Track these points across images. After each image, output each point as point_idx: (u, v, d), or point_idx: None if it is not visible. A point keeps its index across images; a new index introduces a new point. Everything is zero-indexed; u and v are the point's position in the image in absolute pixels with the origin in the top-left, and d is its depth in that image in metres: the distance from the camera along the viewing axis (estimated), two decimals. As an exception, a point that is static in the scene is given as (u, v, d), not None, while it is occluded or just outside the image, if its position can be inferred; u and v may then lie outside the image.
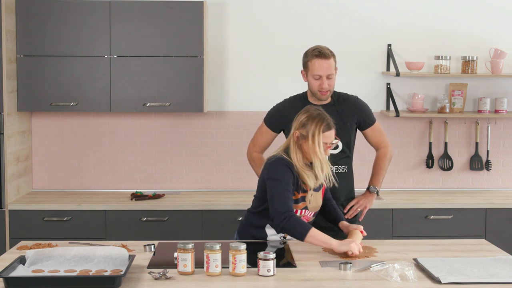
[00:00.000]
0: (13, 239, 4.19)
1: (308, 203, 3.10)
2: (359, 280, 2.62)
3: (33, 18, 4.38)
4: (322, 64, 3.37)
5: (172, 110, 4.50)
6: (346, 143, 3.47)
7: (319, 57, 3.38)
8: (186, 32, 4.42)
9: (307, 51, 3.46)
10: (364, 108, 3.56)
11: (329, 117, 3.06)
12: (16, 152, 4.47)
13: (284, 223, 2.93)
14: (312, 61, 3.40)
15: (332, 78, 3.40)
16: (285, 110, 3.53)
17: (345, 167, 3.50)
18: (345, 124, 3.45)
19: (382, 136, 3.61)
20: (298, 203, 3.07)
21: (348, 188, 3.53)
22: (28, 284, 2.50)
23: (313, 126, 3.00)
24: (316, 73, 3.39)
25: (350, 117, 3.48)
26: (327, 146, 3.05)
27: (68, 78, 4.43)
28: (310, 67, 3.41)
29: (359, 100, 3.58)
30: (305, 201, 3.09)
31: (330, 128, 3.03)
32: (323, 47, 3.43)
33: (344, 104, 3.50)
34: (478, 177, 4.93)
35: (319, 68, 3.38)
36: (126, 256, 2.75)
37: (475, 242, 3.29)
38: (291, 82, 4.81)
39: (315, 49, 3.41)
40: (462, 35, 4.83)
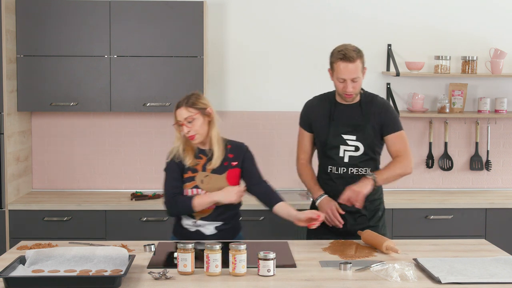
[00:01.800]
0: (13, 239, 4.19)
1: (200, 183, 3.23)
2: (359, 280, 2.62)
3: (33, 18, 4.38)
4: (347, 68, 3.22)
5: (172, 110, 4.48)
6: (368, 145, 3.33)
7: (344, 60, 3.22)
8: (186, 32, 4.42)
9: (333, 50, 3.30)
10: (389, 113, 3.36)
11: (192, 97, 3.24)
12: (16, 152, 4.47)
13: (170, 206, 3.23)
14: (337, 63, 3.24)
15: (357, 81, 3.25)
16: (312, 108, 3.45)
17: (368, 169, 3.35)
18: (365, 125, 3.33)
19: (404, 147, 3.35)
20: (187, 182, 3.25)
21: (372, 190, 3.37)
22: (28, 284, 2.50)
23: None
24: (340, 76, 3.25)
25: (373, 119, 3.33)
26: (181, 124, 3.22)
27: (68, 78, 4.43)
28: (335, 69, 3.26)
29: (386, 104, 3.41)
30: (194, 180, 3.23)
31: (178, 107, 3.22)
32: (349, 48, 3.25)
33: (369, 105, 3.36)
34: (478, 177, 4.93)
35: (343, 71, 3.23)
36: (126, 256, 2.75)
37: (475, 242, 3.29)
38: (291, 82, 4.82)
39: (340, 51, 3.24)
40: (462, 35, 4.83)
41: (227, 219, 3.30)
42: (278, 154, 4.87)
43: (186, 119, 3.20)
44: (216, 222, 3.28)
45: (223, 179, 3.27)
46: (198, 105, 3.24)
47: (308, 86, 4.81)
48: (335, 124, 3.34)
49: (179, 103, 3.24)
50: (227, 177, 3.28)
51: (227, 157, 3.30)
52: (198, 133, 3.22)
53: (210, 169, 3.26)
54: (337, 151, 3.35)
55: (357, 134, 3.32)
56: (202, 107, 3.24)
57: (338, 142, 3.34)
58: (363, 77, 3.31)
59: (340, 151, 3.34)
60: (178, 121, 3.24)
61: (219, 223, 3.28)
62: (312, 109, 3.44)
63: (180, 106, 3.23)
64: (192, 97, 3.26)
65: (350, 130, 3.33)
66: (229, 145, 3.35)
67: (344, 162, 3.35)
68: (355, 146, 3.33)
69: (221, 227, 3.28)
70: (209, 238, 3.25)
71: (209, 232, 3.28)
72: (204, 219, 3.27)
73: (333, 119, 3.35)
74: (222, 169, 3.27)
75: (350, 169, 3.35)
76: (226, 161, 3.29)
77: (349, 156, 3.34)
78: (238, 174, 3.32)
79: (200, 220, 3.27)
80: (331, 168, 3.38)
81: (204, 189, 3.24)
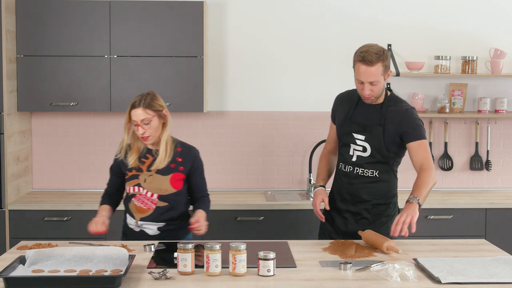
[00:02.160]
0: (13, 239, 4.20)
1: (143, 182, 3.28)
2: (359, 280, 2.62)
3: (33, 18, 4.38)
4: (366, 71, 3.13)
5: (172, 110, 4.47)
6: (376, 148, 3.26)
7: (363, 62, 3.13)
8: (186, 32, 4.42)
9: (357, 50, 3.21)
10: (410, 120, 3.24)
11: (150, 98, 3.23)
12: (16, 152, 4.47)
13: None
14: (357, 64, 3.17)
15: (376, 85, 3.17)
16: (339, 102, 3.47)
17: (374, 172, 3.30)
18: (377, 127, 3.25)
19: (428, 157, 3.21)
20: (130, 180, 3.32)
21: (378, 193, 3.34)
22: (28, 284, 2.50)
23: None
24: (358, 78, 3.18)
25: (390, 124, 3.24)
26: (136, 124, 3.21)
27: (68, 78, 4.43)
28: (355, 70, 3.19)
29: (409, 111, 3.27)
30: (137, 179, 3.28)
31: (135, 107, 3.21)
32: (371, 50, 3.14)
33: (391, 110, 3.27)
34: (478, 177, 4.93)
35: (361, 74, 3.15)
36: (126, 256, 2.75)
37: (475, 242, 3.29)
38: (291, 82, 4.82)
39: (362, 52, 3.15)
40: (462, 35, 4.83)
41: (169, 220, 3.31)
42: (278, 154, 4.87)
43: (142, 121, 3.20)
44: (157, 223, 3.30)
45: (166, 180, 3.29)
46: (155, 107, 3.24)
47: (308, 86, 4.82)
48: (350, 122, 3.34)
49: (136, 103, 3.23)
50: (171, 179, 3.29)
51: (175, 159, 3.30)
52: (152, 134, 3.24)
53: (154, 170, 3.28)
54: (348, 149, 3.36)
55: (366, 135, 3.29)
56: (159, 109, 3.25)
57: (349, 140, 3.34)
58: (386, 80, 3.22)
59: (351, 149, 3.34)
60: (133, 121, 3.23)
61: (161, 224, 3.30)
62: (338, 102, 3.47)
63: (137, 107, 3.22)
64: (149, 98, 3.24)
65: (361, 130, 3.30)
66: (180, 148, 3.34)
67: (352, 161, 3.34)
68: (363, 147, 3.30)
69: (164, 228, 3.29)
70: (153, 238, 3.28)
71: (152, 233, 3.31)
72: (145, 220, 3.31)
73: (350, 117, 3.35)
74: (167, 171, 3.29)
75: (356, 168, 3.33)
76: (174, 164, 3.30)
77: (357, 156, 3.32)
78: (182, 178, 3.33)
79: (141, 221, 3.31)
80: (341, 165, 3.41)
81: (146, 188, 3.28)
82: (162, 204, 3.29)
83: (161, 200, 3.29)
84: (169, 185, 3.29)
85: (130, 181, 3.32)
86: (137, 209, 3.31)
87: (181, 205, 3.36)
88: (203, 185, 3.45)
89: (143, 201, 3.30)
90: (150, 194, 3.29)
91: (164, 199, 3.30)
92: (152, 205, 3.29)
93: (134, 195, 3.32)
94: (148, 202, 3.29)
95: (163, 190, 3.29)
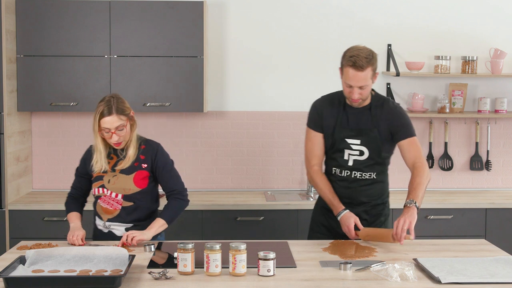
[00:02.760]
0: (13, 239, 4.20)
1: (107, 183, 3.24)
2: (359, 280, 2.62)
3: (33, 18, 4.38)
4: (356, 76, 3.10)
5: (172, 110, 4.50)
6: (374, 150, 3.25)
7: (353, 67, 3.09)
8: (186, 32, 4.42)
9: (345, 53, 3.16)
10: (400, 118, 3.26)
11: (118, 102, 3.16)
12: (16, 152, 4.47)
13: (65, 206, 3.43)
14: (346, 69, 3.12)
15: (365, 89, 3.15)
16: (324, 108, 3.33)
17: (372, 174, 3.30)
18: (372, 130, 3.25)
19: (419, 154, 3.23)
20: (96, 181, 3.29)
21: (376, 194, 3.35)
22: (28, 284, 2.50)
23: (96, 110, 3.16)
24: (347, 82, 3.14)
25: (381, 123, 3.24)
26: (111, 132, 3.14)
27: (68, 78, 4.43)
28: (344, 73, 3.15)
29: (398, 108, 3.30)
30: (102, 180, 3.26)
31: (108, 115, 3.12)
32: (361, 55, 3.10)
33: (379, 110, 3.26)
34: (478, 177, 4.93)
35: (351, 78, 3.11)
36: (126, 256, 2.75)
37: (475, 242, 3.29)
38: (291, 82, 4.82)
39: (352, 57, 3.10)
40: (462, 35, 4.83)
41: (137, 220, 3.28)
42: (278, 154, 4.87)
43: (117, 128, 3.15)
44: (125, 224, 3.27)
45: (130, 180, 3.25)
46: (126, 110, 3.19)
47: (308, 86, 4.82)
48: (340, 128, 3.28)
49: (106, 111, 3.12)
50: (134, 178, 3.25)
51: (138, 157, 3.27)
52: (125, 139, 3.22)
53: (118, 170, 3.25)
54: (341, 154, 3.30)
55: (361, 139, 3.26)
56: (129, 112, 3.21)
57: (343, 146, 3.29)
58: (373, 82, 3.20)
59: (345, 154, 3.29)
60: (105, 129, 3.15)
61: (129, 225, 3.28)
62: (321, 110, 3.33)
63: (110, 114, 3.12)
64: (118, 102, 3.17)
65: (354, 135, 3.26)
66: (143, 146, 3.30)
67: (349, 166, 3.30)
68: (359, 151, 3.27)
69: (132, 229, 3.25)
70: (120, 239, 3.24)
71: (120, 234, 3.28)
72: (112, 220, 3.29)
73: (340, 123, 3.28)
74: (130, 170, 3.25)
75: (354, 172, 3.31)
76: (137, 162, 3.26)
77: (354, 160, 3.29)
78: (146, 176, 3.28)
79: (108, 222, 3.29)
80: (335, 170, 3.35)
81: (109, 189, 3.26)
82: (127, 204, 3.26)
83: (126, 200, 3.25)
84: (132, 184, 3.24)
85: (95, 182, 3.29)
86: (103, 210, 3.29)
87: (148, 204, 3.31)
88: (171, 181, 3.32)
89: (108, 202, 3.27)
90: (114, 195, 3.25)
91: (128, 199, 3.25)
92: (117, 206, 3.26)
93: (99, 197, 3.29)
94: (114, 203, 3.26)
95: (126, 190, 3.24)
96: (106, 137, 3.18)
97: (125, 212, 3.26)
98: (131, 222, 3.28)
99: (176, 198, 3.32)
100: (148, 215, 3.31)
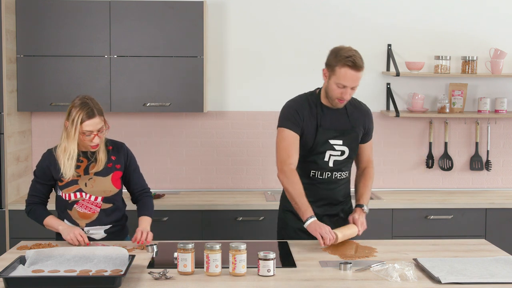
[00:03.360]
0: (13, 239, 4.19)
1: (84, 186, 3.17)
2: (359, 280, 2.62)
3: (33, 18, 4.38)
4: (353, 76, 3.08)
5: (172, 110, 4.50)
6: (353, 149, 3.30)
7: (352, 68, 3.07)
8: (186, 32, 4.42)
9: (339, 53, 3.11)
10: (371, 122, 3.39)
11: (95, 103, 3.11)
12: (16, 152, 4.47)
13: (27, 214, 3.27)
14: (343, 69, 3.08)
15: (355, 89, 3.16)
16: (303, 110, 3.26)
17: (347, 172, 3.37)
18: (353, 129, 3.29)
19: (372, 156, 3.44)
20: (69, 186, 3.17)
21: (346, 191, 3.41)
22: (28, 284, 2.50)
23: (74, 114, 3.09)
24: (342, 83, 3.10)
25: (358, 124, 3.30)
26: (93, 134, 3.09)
27: (68, 78, 4.43)
28: (337, 74, 3.10)
29: (370, 112, 3.40)
30: (77, 184, 3.17)
31: (91, 117, 3.07)
32: (357, 55, 3.09)
33: (355, 110, 3.31)
34: (478, 177, 4.93)
35: (349, 79, 3.09)
36: (126, 256, 2.76)
37: (475, 242, 3.29)
38: (291, 82, 4.82)
39: (350, 57, 3.07)
40: (462, 35, 4.83)
41: (114, 221, 3.27)
42: (278, 154, 4.86)
43: (99, 130, 3.12)
44: (104, 226, 3.25)
45: (108, 181, 3.22)
46: (103, 111, 3.16)
47: (308, 86, 4.80)
48: (323, 129, 3.24)
49: (90, 113, 3.07)
50: (112, 179, 3.23)
51: (110, 159, 3.24)
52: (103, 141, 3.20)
53: (93, 173, 3.20)
54: (322, 156, 3.26)
55: (343, 139, 3.26)
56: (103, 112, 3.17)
57: (325, 148, 3.25)
58: None
59: (326, 155, 3.26)
60: (89, 132, 3.10)
61: (107, 226, 3.26)
62: (304, 111, 3.25)
63: (93, 116, 3.07)
64: (95, 103, 3.12)
65: (338, 135, 3.25)
66: (110, 146, 3.28)
67: (329, 167, 3.28)
68: (341, 151, 3.27)
69: (110, 230, 3.25)
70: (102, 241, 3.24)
71: (99, 237, 3.25)
72: (90, 225, 3.22)
73: (321, 124, 3.24)
74: (106, 172, 3.22)
75: (335, 173, 3.30)
76: (110, 163, 3.24)
77: (334, 161, 3.28)
78: (120, 177, 3.27)
79: (87, 227, 3.22)
80: (314, 173, 3.29)
81: (88, 192, 3.19)
82: (106, 206, 3.23)
83: (105, 202, 3.22)
84: (112, 186, 3.22)
85: (69, 187, 3.17)
86: (80, 216, 3.21)
87: (122, 205, 3.32)
88: (141, 181, 3.35)
89: (86, 206, 3.20)
90: (94, 198, 3.20)
91: (108, 201, 3.23)
92: (96, 209, 3.21)
93: (76, 202, 3.20)
94: (92, 206, 3.21)
95: (107, 192, 3.21)
96: (86, 140, 3.10)
97: (104, 214, 3.23)
98: (110, 223, 3.25)
99: (148, 196, 3.36)
100: (123, 216, 3.32)
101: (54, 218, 3.21)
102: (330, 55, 3.18)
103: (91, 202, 3.20)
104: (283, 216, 3.42)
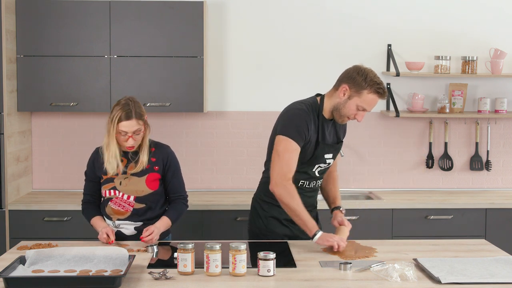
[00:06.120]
0: (13, 239, 4.19)
1: (118, 185, 3.24)
2: (359, 280, 2.62)
3: (33, 18, 4.38)
4: (376, 103, 3.13)
5: (172, 110, 4.50)
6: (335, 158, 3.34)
7: (380, 96, 3.08)
8: (186, 32, 4.42)
9: (369, 77, 3.07)
10: (346, 131, 3.42)
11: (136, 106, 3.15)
12: (16, 152, 4.47)
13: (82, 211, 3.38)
14: (371, 95, 3.06)
15: None
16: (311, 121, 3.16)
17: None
18: (340, 141, 3.33)
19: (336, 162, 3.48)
20: (106, 183, 3.27)
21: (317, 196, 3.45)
22: (28, 284, 2.50)
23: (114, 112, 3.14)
24: (365, 107, 3.09)
25: (342, 135, 3.36)
26: (128, 136, 3.13)
27: (68, 78, 4.43)
28: (364, 97, 3.06)
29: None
30: (113, 182, 3.25)
31: (128, 119, 3.12)
32: (382, 83, 3.10)
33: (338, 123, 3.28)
34: (478, 177, 4.93)
35: (373, 105, 3.11)
36: (126, 256, 2.76)
37: (475, 242, 3.29)
38: (291, 82, 4.82)
39: (379, 84, 3.06)
40: (462, 35, 4.83)
41: (146, 220, 3.28)
42: (278, 154, 4.86)
43: (135, 132, 3.15)
44: (135, 223, 3.28)
45: (142, 182, 3.25)
46: (143, 115, 3.19)
47: (308, 86, 4.81)
48: (323, 144, 3.21)
49: (125, 115, 3.12)
50: (147, 180, 3.26)
51: (149, 160, 3.27)
52: (138, 143, 3.23)
53: (130, 172, 3.24)
54: (313, 167, 3.26)
55: (333, 152, 3.29)
56: (144, 116, 3.21)
57: (320, 161, 3.25)
58: None
59: (315, 166, 3.26)
60: (124, 132, 3.14)
61: (138, 224, 3.28)
62: (311, 124, 3.16)
63: (129, 118, 3.12)
64: (136, 106, 3.16)
65: (331, 149, 3.26)
66: (153, 148, 3.31)
67: (316, 176, 3.30)
68: (329, 163, 3.30)
69: (141, 228, 3.26)
70: (130, 238, 3.27)
71: (129, 233, 3.29)
72: (122, 220, 3.28)
73: (321, 139, 3.20)
74: (142, 172, 3.25)
75: (318, 181, 3.35)
76: (148, 164, 3.27)
77: (319, 170, 3.29)
78: (158, 178, 3.29)
79: (118, 221, 3.28)
80: (303, 183, 3.27)
81: (121, 191, 3.25)
82: (139, 206, 3.26)
83: (138, 202, 3.26)
84: (145, 186, 3.26)
85: (106, 184, 3.27)
86: (114, 212, 3.27)
87: (159, 206, 3.33)
88: (178, 186, 3.36)
89: (120, 204, 3.25)
90: (126, 197, 3.25)
91: (140, 201, 3.26)
92: (129, 208, 3.26)
93: (110, 199, 3.27)
94: (125, 204, 3.25)
95: (139, 192, 3.25)
96: (121, 140, 3.18)
97: (136, 214, 3.27)
98: (140, 221, 3.28)
99: (181, 202, 3.38)
100: (157, 216, 3.31)
101: (99, 219, 3.29)
102: (357, 76, 3.09)
103: (124, 201, 3.25)
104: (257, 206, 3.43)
